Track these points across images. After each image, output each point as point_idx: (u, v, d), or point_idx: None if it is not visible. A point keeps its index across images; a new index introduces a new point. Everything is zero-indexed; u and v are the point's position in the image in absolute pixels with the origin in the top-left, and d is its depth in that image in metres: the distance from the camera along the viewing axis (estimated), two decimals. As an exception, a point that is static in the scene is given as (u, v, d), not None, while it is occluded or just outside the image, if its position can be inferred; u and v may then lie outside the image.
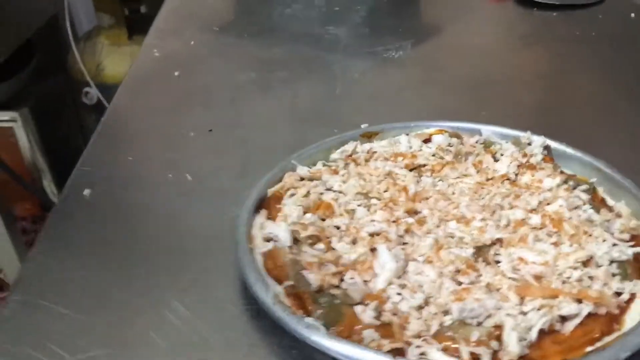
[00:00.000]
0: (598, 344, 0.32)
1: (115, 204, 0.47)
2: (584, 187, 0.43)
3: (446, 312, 0.33)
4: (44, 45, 1.83)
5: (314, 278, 0.36)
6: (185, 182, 0.49)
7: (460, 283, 0.35)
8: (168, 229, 0.44)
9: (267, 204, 0.43)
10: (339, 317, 0.33)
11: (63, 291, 0.38)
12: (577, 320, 0.33)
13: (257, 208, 0.43)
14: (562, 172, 0.45)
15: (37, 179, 1.84)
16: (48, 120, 1.82)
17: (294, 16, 0.82)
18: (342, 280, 0.36)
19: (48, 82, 1.87)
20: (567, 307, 0.33)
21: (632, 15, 0.75)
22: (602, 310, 0.33)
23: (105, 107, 1.79)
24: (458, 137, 0.49)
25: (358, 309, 0.34)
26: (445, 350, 0.32)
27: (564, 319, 0.33)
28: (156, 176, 0.50)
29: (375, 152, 0.48)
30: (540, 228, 0.39)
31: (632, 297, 0.35)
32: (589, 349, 0.32)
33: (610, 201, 0.43)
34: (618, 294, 0.35)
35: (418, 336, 0.32)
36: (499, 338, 0.32)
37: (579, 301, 0.34)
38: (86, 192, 0.47)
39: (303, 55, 0.71)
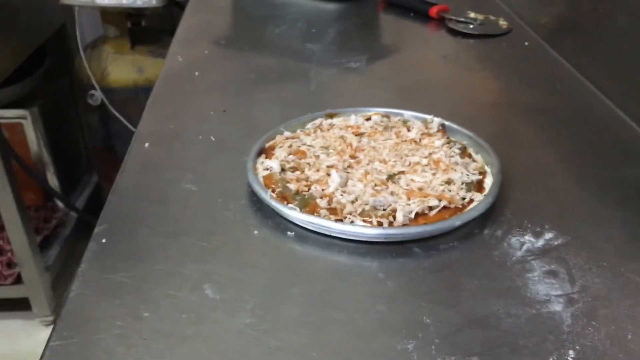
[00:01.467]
0: (447, 220, 0.59)
1: (165, 152, 0.73)
2: (459, 146, 0.70)
3: (367, 204, 0.60)
4: (54, 51, 2.06)
5: (293, 187, 0.62)
6: (211, 141, 0.75)
7: (377, 190, 0.62)
8: (200, 167, 0.70)
9: (265, 152, 0.70)
10: (307, 204, 0.60)
11: (139, 192, 0.65)
12: (437, 210, 0.60)
13: (259, 154, 0.69)
14: (448, 138, 0.72)
15: (42, 171, 2.06)
16: (55, 118, 2.05)
17: (281, 35, 1.09)
18: (309, 189, 0.63)
19: (56, 85, 2.10)
20: (432, 202, 0.60)
21: (526, 43, 1.04)
22: (452, 205, 0.61)
23: (108, 108, 2.01)
24: (387, 117, 0.77)
25: (318, 200, 0.60)
26: (364, 220, 0.58)
27: (430, 208, 0.60)
28: (191, 137, 0.76)
29: (334, 125, 0.75)
30: (427, 165, 0.66)
31: (471, 200, 0.62)
32: (441, 222, 0.59)
33: (474, 155, 0.70)
34: (464, 199, 0.62)
35: (350, 214, 0.59)
36: (394, 216, 0.59)
37: (440, 200, 0.61)
38: (146, 144, 0.73)
39: (288, 64, 0.98)
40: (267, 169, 0.66)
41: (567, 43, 0.99)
